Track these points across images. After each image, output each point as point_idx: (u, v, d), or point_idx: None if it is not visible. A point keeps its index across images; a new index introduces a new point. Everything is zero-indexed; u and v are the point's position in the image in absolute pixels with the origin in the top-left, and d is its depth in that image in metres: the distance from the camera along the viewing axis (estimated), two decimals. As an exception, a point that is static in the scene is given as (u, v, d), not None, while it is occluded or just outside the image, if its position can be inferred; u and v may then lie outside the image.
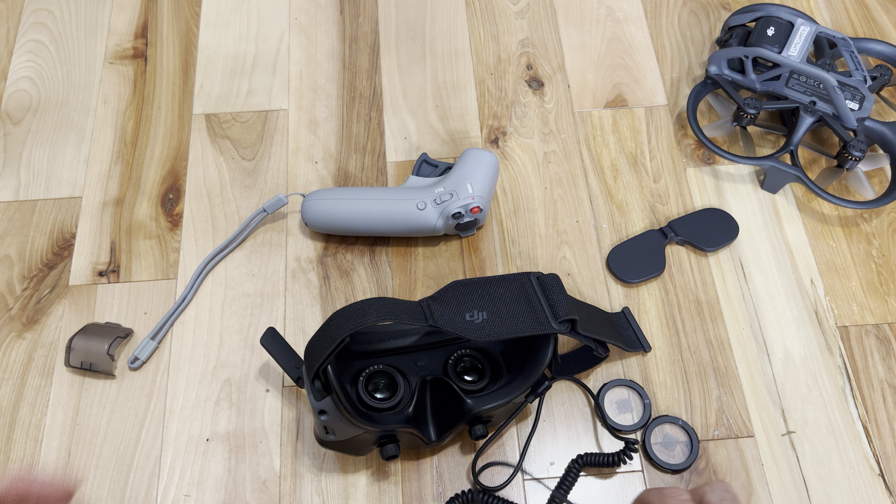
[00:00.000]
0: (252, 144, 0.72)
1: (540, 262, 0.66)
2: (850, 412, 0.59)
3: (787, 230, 0.67)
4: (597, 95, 0.75)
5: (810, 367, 0.61)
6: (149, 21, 0.79)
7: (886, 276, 0.65)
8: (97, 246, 0.67)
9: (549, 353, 0.54)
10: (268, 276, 0.65)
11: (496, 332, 0.52)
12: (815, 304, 0.64)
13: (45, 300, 0.64)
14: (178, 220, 0.68)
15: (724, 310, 0.64)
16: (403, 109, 0.74)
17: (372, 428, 0.51)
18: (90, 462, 0.58)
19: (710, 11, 0.80)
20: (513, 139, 0.72)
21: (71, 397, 0.60)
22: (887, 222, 0.68)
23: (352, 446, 0.54)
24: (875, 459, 0.58)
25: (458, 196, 0.62)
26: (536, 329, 0.52)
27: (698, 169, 0.71)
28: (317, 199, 0.65)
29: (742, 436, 0.58)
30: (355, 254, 0.66)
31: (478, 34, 0.78)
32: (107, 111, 0.74)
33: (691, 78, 0.76)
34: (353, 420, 0.50)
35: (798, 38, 0.68)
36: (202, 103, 0.74)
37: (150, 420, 0.59)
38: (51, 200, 0.69)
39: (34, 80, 0.76)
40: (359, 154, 0.71)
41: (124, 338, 0.62)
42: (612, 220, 0.68)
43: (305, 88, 0.75)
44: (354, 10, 0.80)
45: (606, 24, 0.79)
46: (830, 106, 0.68)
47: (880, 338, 0.63)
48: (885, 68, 0.71)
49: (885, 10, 0.80)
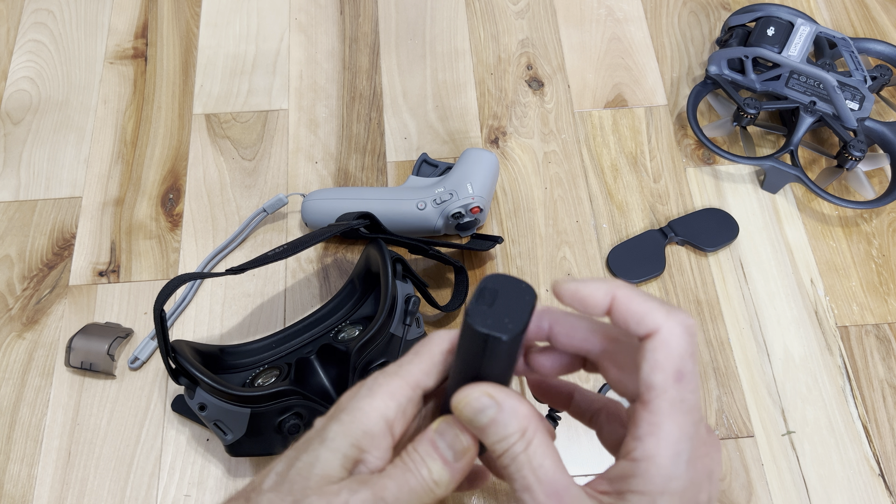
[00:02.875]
0: (252, 144, 0.72)
1: (540, 262, 0.66)
2: (850, 412, 0.59)
3: (787, 230, 0.67)
4: (597, 95, 0.75)
5: (810, 367, 0.61)
6: (149, 21, 0.79)
7: (886, 276, 0.65)
8: (97, 246, 0.67)
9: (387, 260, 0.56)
10: (268, 276, 0.65)
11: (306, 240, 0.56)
12: (815, 304, 0.64)
13: (46, 300, 0.64)
14: (178, 220, 0.68)
15: (724, 310, 0.64)
16: (403, 109, 0.74)
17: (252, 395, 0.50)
18: (90, 462, 0.58)
19: (710, 11, 0.80)
20: (513, 139, 0.72)
21: (71, 397, 0.60)
22: (887, 222, 0.68)
23: (258, 444, 0.53)
24: (875, 459, 0.58)
25: (458, 196, 0.62)
26: (340, 227, 0.56)
27: (698, 169, 0.71)
28: (317, 199, 0.65)
29: (742, 436, 0.58)
30: (355, 254, 0.66)
31: (478, 34, 0.78)
32: (107, 111, 0.74)
33: (691, 78, 0.76)
34: (229, 390, 0.50)
35: (798, 38, 0.68)
36: (202, 103, 0.74)
37: (150, 420, 0.59)
38: (51, 200, 0.69)
39: (34, 80, 0.76)
40: (359, 154, 0.71)
41: (124, 338, 0.62)
42: (612, 220, 0.68)
43: (305, 88, 0.75)
44: (354, 10, 0.80)
45: (606, 24, 0.79)
46: (830, 106, 0.68)
47: (880, 338, 0.63)
48: (885, 68, 0.71)
49: (885, 9, 0.80)
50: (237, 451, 0.53)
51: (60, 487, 0.57)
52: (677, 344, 0.29)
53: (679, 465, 0.28)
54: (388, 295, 0.54)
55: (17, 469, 0.58)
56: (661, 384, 0.29)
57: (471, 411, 0.31)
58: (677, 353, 0.29)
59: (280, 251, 0.55)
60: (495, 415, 0.30)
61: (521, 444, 0.30)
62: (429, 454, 0.32)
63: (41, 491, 0.57)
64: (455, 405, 0.31)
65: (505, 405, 0.30)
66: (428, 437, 0.32)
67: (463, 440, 0.32)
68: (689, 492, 0.29)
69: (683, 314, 0.29)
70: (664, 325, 0.29)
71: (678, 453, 0.29)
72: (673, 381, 0.29)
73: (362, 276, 0.61)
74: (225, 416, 0.51)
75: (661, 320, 0.29)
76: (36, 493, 0.57)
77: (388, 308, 0.54)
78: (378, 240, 0.57)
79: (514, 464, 0.30)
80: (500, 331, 0.30)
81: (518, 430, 0.30)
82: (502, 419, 0.30)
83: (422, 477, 0.31)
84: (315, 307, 0.63)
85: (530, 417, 0.30)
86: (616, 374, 0.33)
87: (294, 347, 0.60)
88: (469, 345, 0.31)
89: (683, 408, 0.29)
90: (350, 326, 0.60)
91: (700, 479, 0.29)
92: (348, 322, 0.60)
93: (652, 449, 0.28)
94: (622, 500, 0.29)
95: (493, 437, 0.30)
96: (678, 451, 0.29)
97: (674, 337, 0.29)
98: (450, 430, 0.32)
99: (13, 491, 0.57)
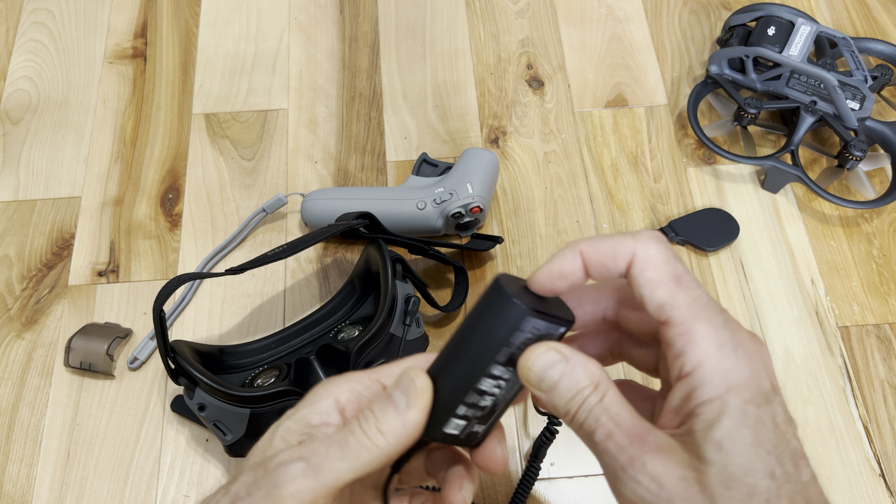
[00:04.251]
0: (252, 144, 0.72)
1: (540, 262, 0.66)
2: (850, 412, 0.59)
3: (787, 230, 0.67)
4: (597, 95, 0.75)
5: (811, 367, 0.61)
6: (148, 20, 0.79)
7: (887, 276, 0.65)
8: (96, 246, 0.67)
9: (386, 259, 0.56)
10: (267, 277, 0.65)
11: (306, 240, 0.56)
12: (815, 304, 0.64)
13: (45, 300, 0.64)
14: (178, 220, 0.68)
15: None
16: (403, 109, 0.74)
17: (251, 395, 0.50)
18: (89, 462, 0.58)
19: (711, 11, 0.80)
20: (513, 139, 0.72)
21: (70, 397, 0.60)
22: (888, 222, 0.68)
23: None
24: (876, 460, 0.58)
25: (458, 196, 0.62)
26: (339, 227, 0.56)
27: (699, 169, 0.70)
28: (316, 199, 0.65)
29: (743, 436, 0.58)
30: (355, 254, 0.66)
31: (478, 34, 0.78)
32: (106, 111, 0.74)
33: (692, 77, 0.76)
34: (228, 390, 0.50)
35: (799, 38, 0.68)
36: (202, 103, 0.74)
37: (149, 420, 0.59)
38: (50, 200, 0.69)
39: (33, 79, 0.76)
40: (358, 154, 0.71)
41: (123, 338, 0.62)
42: (612, 220, 0.68)
43: (305, 88, 0.75)
44: (354, 9, 0.80)
45: (607, 23, 0.79)
46: (831, 105, 0.68)
47: (881, 338, 0.63)
48: (886, 68, 0.71)
49: (885, 9, 0.80)
50: (237, 452, 0.53)
51: (60, 488, 0.57)
52: (657, 254, 0.29)
53: (728, 355, 0.28)
54: (387, 295, 0.54)
55: (17, 469, 0.57)
56: (667, 295, 0.29)
57: (540, 366, 0.30)
58: (662, 262, 0.29)
59: (280, 251, 0.55)
60: (566, 369, 0.30)
61: (596, 395, 0.29)
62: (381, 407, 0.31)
63: (40, 491, 0.57)
64: (522, 365, 0.30)
65: (574, 360, 0.30)
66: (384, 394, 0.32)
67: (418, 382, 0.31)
68: (752, 381, 0.28)
69: (647, 231, 0.30)
70: (636, 246, 0.29)
71: (722, 344, 0.28)
72: (675, 287, 0.29)
73: (362, 276, 0.61)
74: (224, 416, 0.51)
75: (630, 244, 0.29)
76: (35, 494, 0.57)
77: (387, 308, 0.54)
78: (378, 240, 0.57)
79: (591, 416, 0.29)
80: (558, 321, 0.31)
81: (591, 383, 0.29)
82: (574, 373, 0.29)
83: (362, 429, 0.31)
84: (315, 307, 0.63)
85: (600, 372, 0.30)
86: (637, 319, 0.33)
87: (293, 348, 0.60)
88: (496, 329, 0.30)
89: (701, 304, 0.28)
90: (350, 327, 0.59)
91: (757, 368, 0.28)
92: (348, 322, 0.60)
93: (696, 354, 0.28)
94: (694, 418, 0.28)
95: (566, 394, 0.29)
96: (721, 343, 0.28)
97: (650, 251, 0.29)
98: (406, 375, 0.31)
99: (12, 491, 0.57)
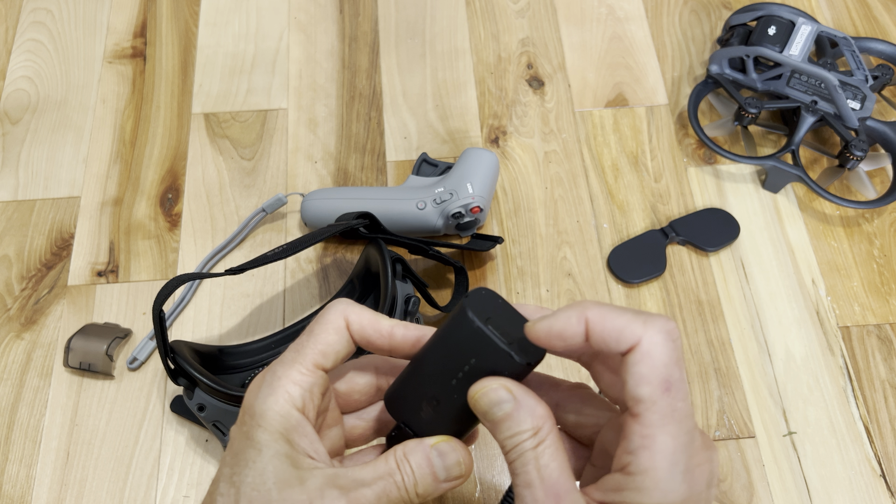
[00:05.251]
0: (251, 144, 0.72)
1: (540, 263, 0.66)
2: (851, 413, 0.59)
3: (788, 230, 0.67)
4: (597, 95, 0.75)
5: (812, 367, 0.61)
6: (148, 20, 0.79)
7: (888, 276, 0.65)
8: (96, 246, 0.67)
9: (385, 259, 0.56)
10: (267, 277, 0.65)
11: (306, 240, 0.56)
12: (816, 304, 0.64)
13: (44, 300, 0.64)
14: (177, 219, 0.68)
15: (726, 310, 0.63)
16: (403, 109, 0.74)
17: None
18: (89, 463, 0.58)
19: (712, 10, 0.80)
20: (513, 139, 0.72)
21: (69, 398, 0.60)
22: (889, 222, 0.68)
23: None
24: (876, 460, 0.58)
25: (458, 196, 0.62)
26: (339, 227, 0.56)
27: (699, 168, 0.70)
28: (316, 199, 0.65)
29: (743, 436, 0.58)
30: (355, 254, 0.66)
31: (478, 33, 0.78)
32: (105, 111, 0.74)
33: (692, 77, 0.76)
34: (228, 390, 0.50)
35: (799, 38, 0.68)
36: (201, 103, 0.74)
37: (149, 420, 0.59)
38: (49, 200, 0.69)
39: (33, 79, 0.76)
40: (358, 154, 0.71)
41: (123, 338, 0.61)
42: (612, 220, 0.68)
43: (305, 88, 0.75)
44: (354, 8, 0.80)
45: (607, 23, 0.79)
46: (832, 105, 0.68)
47: (882, 338, 0.62)
48: (887, 67, 0.71)
49: (886, 9, 0.80)
50: None
51: (59, 488, 0.57)
52: (660, 353, 0.28)
53: (676, 477, 0.28)
54: (387, 295, 0.54)
55: (16, 470, 0.57)
56: (650, 396, 0.28)
57: (486, 403, 0.30)
58: (661, 363, 0.28)
59: (279, 251, 0.55)
60: (511, 410, 0.30)
61: (532, 441, 0.29)
62: (420, 467, 0.32)
63: (40, 492, 0.56)
64: (472, 395, 0.31)
65: (522, 402, 0.30)
66: (424, 451, 0.32)
67: (462, 467, 0.32)
68: (688, 503, 0.28)
69: (662, 320, 0.28)
70: (643, 336, 0.28)
71: (674, 464, 0.28)
72: (661, 393, 0.28)
73: (362, 276, 0.61)
74: (224, 416, 0.51)
75: (639, 332, 0.28)
76: (34, 494, 0.56)
77: (387, 308, 0.54)
78: (378, 240, 0.57)
79: (521, 459, 0.29)
80: (521, 354, 0.30)
81: (531, 429, 0.29)
82: (518, 416, 0.30)
83: (405, 486, 0.31)
84: (314, 307, 0.63)
85: (545, 418, 0.30)
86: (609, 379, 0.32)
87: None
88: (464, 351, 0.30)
89: (675, 417, 0.28)
90: None
91: (699, 489, 0.29)
92: None
93: (647, 462, 0.28)
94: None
95: (506, 433, 0.30)
96: (674, 463, 0.28)
97: (655, 347, 0.28)
98: (453, 453, 0.32)
99: (12, 492, 0.57)
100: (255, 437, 0.31)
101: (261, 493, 0.30)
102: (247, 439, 0.31)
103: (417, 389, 0.33)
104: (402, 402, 0.33)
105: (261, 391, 0.32)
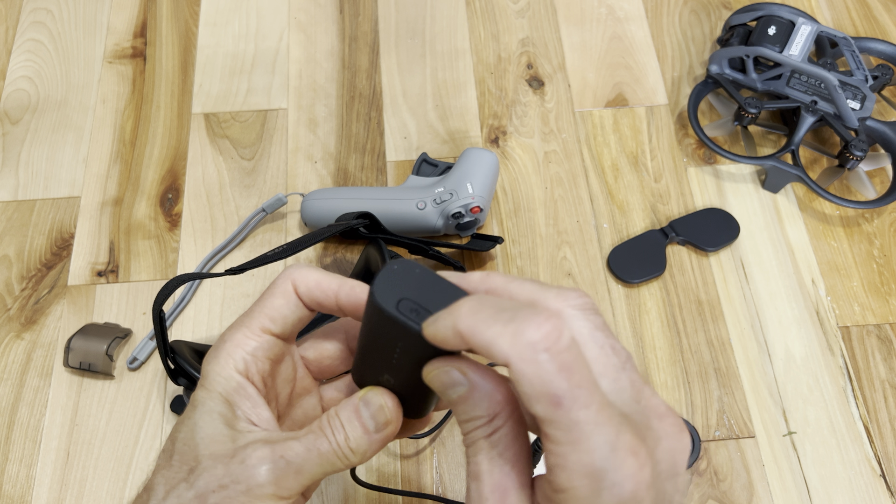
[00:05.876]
0: (251, 144, 0.72)
1: (540, 263, 0.66)
2: (851, 412, 0.59)
3: (788, 230, 0.67)
4: (597, 95, 0.75)
5: (811, 367, 0.61)
6: (148, 20, 0.79)
7: (888, 276, 0.65)
8: (96, 246, 0.67)
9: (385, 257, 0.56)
10: (267, 277, 0.65)
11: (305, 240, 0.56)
12: (816, 304, 0.64)
13: (44, 300, 0.64)
14: (177, 220, 0.68)
15: (726, 310, 0.64)
16: (403, 109, 0.74)
17: None
18: (89, 463, 0.58)
19: (711, 10, 0.80)
20: (513, 139, 0.72)
21: (70, 398, 0.60)
22: (888, 222, 0.68)
23: None
24: (876, 460, 0.58)
25: (458, 196, 0.62)
26: (339, 227, 0.57)
27: (699, 168, 0.70)
28: (316, 199, 0.65)
29: (743, 436, 0.58)
30: (355, 254, 0.66)
31: (478, 33, 0.78)
32: (105, 111, 0.74)
33: (692, 77, 0.76)
34: None
35: (799, 38, 0.68)
36: (201, 103, 0.74)
37: (149, 420, 0.59)
38: (49, 200, 0.69)
39: (33, 79, 0.76)
40: (358, 153, 0.71)
41: (123, 338, 0.61)
42: (612, 220, 0.68)
43: (305, 88, 0.75)
44: (354, 9, 0.80)
45: (607, 23, 0.79)
46: (832, 105, 0.68)
47: (882, 338, 0.62)
48: (887, 67, 0.71)
49: (886, 9, 0.80)
50: None
51: (59, 488, 0.57)
52: (534, 372, 0.24)
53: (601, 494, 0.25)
54: None
55: (16, 470, 0.57)
56: (544, 414, 0.25)
57: (440, 385, 0.28)
58: (538, 382, 0.24)
59: (279, 251, 0.55)
60: (466, 393, 0.27)
61: (486, 429, 0.27)
62: (350, 421, 0.32)
63: (40, 492, 0.57)
64: (425, 375, 0.29)
65: (478, 385, 0.27)
66: (352, 404, 0.32)
67: (387, 413, 0.32)
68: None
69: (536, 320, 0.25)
70: (510, 353, 0.24)
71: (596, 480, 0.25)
72: (554, 410, 0.24)
73: (362, 277, 0.61)
74: None
75: (506, 348, 0.25)
76: (34, 494, 0.56)
77: None
78: (378, 240, 0.57)
79: (473, 447, 0.27)
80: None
81: (486, 415, 0.27)
82: (472, 399, 0.27)
83: (336, 442, 0.31)
84: (314, 307, 0.63)
85: (503, 404, 0.27)
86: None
87: None
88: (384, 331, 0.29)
89: (583, 430, 0.24)
90: None
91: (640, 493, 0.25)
92: None
93: (565, 483, 0.25)
94: None
95: (461, 416, 0.28)
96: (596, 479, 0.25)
97: (525, 364, 0.24)
98: (376, 400, 0.32)
99: (12, 492, 0.57)
100: (195, 396, 0.32)
101: (189, 447, 0.31)
102: (192, 399, 0.33)
103: (372, 365, 0.32)
104: (364, 375, 0.33)
105: (209, 355, 0.33)
